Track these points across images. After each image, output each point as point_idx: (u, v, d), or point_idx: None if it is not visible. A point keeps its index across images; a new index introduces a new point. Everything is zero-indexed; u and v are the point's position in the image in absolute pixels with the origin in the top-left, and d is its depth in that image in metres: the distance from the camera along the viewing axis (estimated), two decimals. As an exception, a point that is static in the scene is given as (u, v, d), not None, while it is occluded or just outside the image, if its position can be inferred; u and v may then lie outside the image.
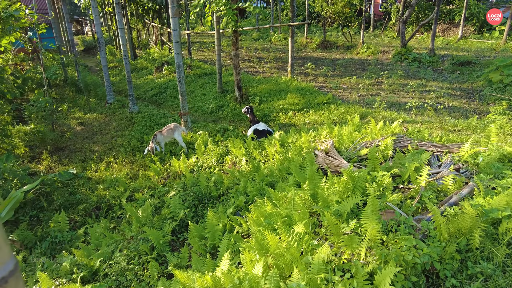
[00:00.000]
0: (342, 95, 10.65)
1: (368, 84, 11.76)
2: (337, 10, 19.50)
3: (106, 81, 11.73)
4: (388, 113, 7.73)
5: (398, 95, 10.35)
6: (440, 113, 8.73)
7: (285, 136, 7.44)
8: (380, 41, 22.78)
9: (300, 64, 16.20)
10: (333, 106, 8.96)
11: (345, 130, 6.52)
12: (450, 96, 10.55)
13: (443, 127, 6.49)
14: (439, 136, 6.09)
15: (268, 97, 10.39)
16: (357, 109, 8.54)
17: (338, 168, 4.88)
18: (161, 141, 8.02)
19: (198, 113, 10.93)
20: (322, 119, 8.63)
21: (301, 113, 9.21)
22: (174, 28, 7.76)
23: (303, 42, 22.72)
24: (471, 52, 17.52)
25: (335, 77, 13.21)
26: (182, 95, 8.46)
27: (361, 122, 7.28)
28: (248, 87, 11.41)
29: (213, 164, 6.96)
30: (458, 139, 5.82)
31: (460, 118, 8.37)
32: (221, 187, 5.75)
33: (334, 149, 5.64)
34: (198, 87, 12.76)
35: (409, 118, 7.42)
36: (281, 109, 9.59)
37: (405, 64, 15.89)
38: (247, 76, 12.61)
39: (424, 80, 12.27)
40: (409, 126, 6.81)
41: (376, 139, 5.61)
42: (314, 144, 6.32)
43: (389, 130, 5.84)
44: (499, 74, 10.69)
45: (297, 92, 10.30)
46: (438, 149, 5.38)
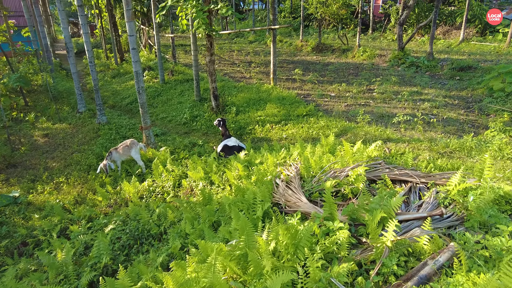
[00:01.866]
0: (328, 105, 9.72)
1: (358, 92, 10.82)
2: (332, 12, 18.58)
3: (77, 89, 10.92)
4: (372, 129, 6.80)
5: (389, 105, 9.41)
6: (434, 127, 7.77)
7: (253, 156, 6.54)
8: (378, 43, 21.81)
9: (291, 69, 15.29)
10: (313, 119, 8.05)
11: (318, 151, 5.61)
12: (446, 106, 9.59)
13: (432, 148, 5.55)
14: (426, 160, 5.16)
15: (246, 107, 9.50)
16: (339, 122, 7.61)
17: (295, 207, 3.97)
18: (117, 160, 7.16)
19: (171, 124, 10.07)
20: (300, 134, 7.72)
21: (279, 126, 8.31)
22: (130, 34, 6.90)
23: (299, 45, 21.84)
24: (472, 55, 16.50)
25: (324, 83, 12.29)
26: (142, 107, 7.60)
27: (338, 140, 6.36)
28: (227, 95, 10.53)
29: (168, 189, 6.08)
30: (448, 165, 4.88)
31: (455, 134, 7.41)
32: (164, 222, 4.87)
33: (298, 177, 4.73)
34: (176, 94, 11.91)
35: (395, 135, 6.49)
36: (258, 121, 8.69)
37: (402, 68, 14.93)
38: (229, 83, 11.74)
39: (419, 88, 11.31)
40: (394, 146, 5.88)
41: (348, 167, 4.68)
42: (281, 168, 5.42)
43: (364, 155, 4.91)
44: (501, 81, 9.71)
45: (278, 102, 9.39)
46: (422, 179, 4.45)
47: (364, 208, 3.27)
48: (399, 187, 4.47)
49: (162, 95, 12.14)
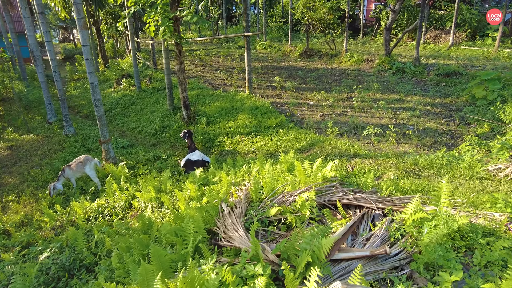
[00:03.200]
0: (304, 115, 9.31)
1: (338, 100, 10.42)
2: (319, 16, 18.23)
3: (46, 98, 10.49)
4: (341, 142, 6.38)
5: (366, 115, 9.01)
6: (409, 139, 7.36)
7: (212, 173, 6.12)
8: (367, 48, 21.50)
9: (276, 75, 14.89)
10: (282, 131, 7.63)
11: (275, 169, 5.19)
12: (427, 114, 9.19)
13: (399, 166, 5.12)
14: (389, 180, 4.74)
15: (218, 117, 9.07)
16: (308, 135, 7.19)
17: (231, 240, 3.53)
18: (71, 177, 6.72)
19: (141, 135, 9.64)
20: (269, 146, 7.30)
21: (249, 138, 7.89)
22: (83, 44, 6.48)
23: (287, 51, 21.51)
24: (461, 60, 16.16)
25: (305, 91, 11.90)
26: (99, 120, 7.18)
27: (301, 156, 5.93)
28: (201, 104, 10.11)
29: (117, 210, 5.63)
30: (412, 187, 4.46)
31: (432, 147, 7.00)
32: (101, 250, 4.42)
33: (244, 202, 4.30)
34: (151, 103, 11.49)
35: (363, 150, 6.07)
36: (228, 132, 8.27)
37: (388, 74, 14.56)
38: (205, 91, 11.32)
39: (402, 95, 10.92)
40: (359, 162, 5.46)
41: (299, 190, 4.25)
42: (234, 189, 4.99)
43: (319, 176, 4.48)
44: (484, 89, 9.32)
45: (250, 112, 8.97)
46: (380, 204, 4.03)
47: (294, 247, 2.83)
48: (353, 213, 4.05)
49: (137, 104, 11.73)
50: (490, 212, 3.56)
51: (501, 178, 4.51)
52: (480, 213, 3.57)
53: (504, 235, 3.09)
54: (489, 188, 4.31)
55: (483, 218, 3.46)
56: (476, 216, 3.52)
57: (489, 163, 4.97)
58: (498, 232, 3.13)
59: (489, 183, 4.48)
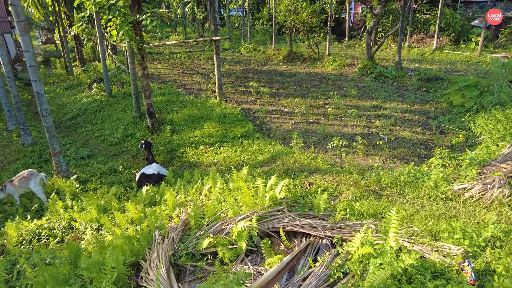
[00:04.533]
0: (276, 122, 8.88)
1: (313, 107, 10.02)
2: (302, 20, 17.87)
3: (4, 105, 9.88)
4: (304, 155, 5.96)
5: (340, 123, 8.61)
6: (381, 150, 6.98)
7: (163, 189, 5.64)
8: (351, 52, 21.25)
9: (256, 79, 14.48)
10: (247, 142, 7.17)
11: (229, 187, 4.73)
12: (404, 122, 8.83)
13: (358, 185, 4.70)
14: (346, 201, 4.31)
15: (184, 125, 8.59)
16: (273, 146, 6.75)
17: (149, 283, 3.05)
18: (14, 193, 6.17)
19: (104, 144, 9.10)
20: (232, 158, 6.85)
21: (213, 149, 7.42)
22: (26, 49, 5.95)
23: (271, 54, 21.13)
24: (443, 65, 15.95)
25: (282, 96, 11.49)
26: (48, 131, 6.67)
27: (258, 171, 5.49)
28: (169, 111, 9.61)
29: (57, 232, 5.11)
30: (369, 210, 4.04)
31: (403, 159, 6.61)
32: (21, 283, 3.91)
33: (180, 230, 3.83)
34: (119, 109, 10.95)
35: (326, 165, 5.65)
36: (192, 142, 7.79)
37: (370, 79, 14.24)
38: (175, 97, 10.83)
39: (380, 101, 10.57)
40: (319, 178, 5.03)
41: (241, 215, 3.80)
42: (178, 211, 4.52)
43: (266, 198, 4.03)
44: (461, 96, 9.00)
45: (218, 120, 8.51)
46: (329, 232, 3.59)
47: None
48: (298, 242, 3.61)
49: (105, 110, 11.18)
50: (447, 244, 3.15)
51: (466, 199, 4.12)
52: (436, 245, 3.16)
53: (456, 277, 2.67)
54: (451, 212, 3.91)
55: (438, 251, 3.06)
56: (431, 249, 3.11)
57: (456, 180, 4.58)
58: (449, 273, 2.71)
59: (453, 204, 4.08)
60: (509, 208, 3.73)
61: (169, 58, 20.39)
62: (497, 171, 4.43)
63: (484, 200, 3.99)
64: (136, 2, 7.69)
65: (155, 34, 37.19)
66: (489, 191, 4.03)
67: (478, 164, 4.77)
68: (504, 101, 7.42)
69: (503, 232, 3.26)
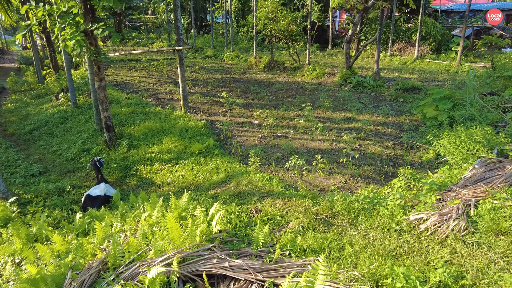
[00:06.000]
0: (242, 136, 8.44)
1: (284, 119, 9.63)
2: (281, 28, 17.60)
3: (-44, 117, 9.20)
4: (259, 176, 5.51)
5: (308, 137, 8.21)
6: (346, 167, 6.57)
7: (104, 214, 5.12)
8: (333, 60, 21.07)
9: (233, 88, 14.06)
10: (204, 159, 6.70)
11: (166, 217, 4.25)
12: (375, 135, 8.48)
13: (310, 211, 4.26)
14: (291, 233, 3.86)
15: (143, 140, 8.08)
16: (230, 165, 6.29)
17: None
18: None
19: (60, 159, 8.53)
20: (187, 178, 6.36)
21: (169, 166, 6.93)
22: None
23: (252, 62, 20.82)
24: (424, 74, 15.80)
25: (255, 107, 11.07)
26: (-19, 149, 6.05)
27: (207, 195, 5.01)
28: (131, 124, 9.09)
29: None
30: (314, 244, 3.60)
31: (368, 178, 6.22)
32: None
33: (95, 272, 3.32)
34: (83, 121, 10.38)
35: (280, 188, 5.20)
36: (148, 158, 7.29)
37: (348, 88, 13.96)
38: (140, 108, 10.30)
39: (354, 113, 10.22)
40: (269, 204, 4.58)
41: (163, 255, 3.31)
42: (105, 245, 4.00)
43: (196, 233, 3.56)
44: (435, 108, 8.70)
45: (179, 134, 8.02)
46: (260, 275, 3.13)
47: None
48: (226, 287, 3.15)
49: (68, 122, 10.59)
50: (387, 294, 2.72)
51: (421, 231, 3.71)
52: (374, 296, 2.73)
53: None
54: (403, 247, 3.50)
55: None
56: (368, 300, 2.67)
57: (414, 208, 4.17)
58: None
59: (407, 238, 3.67)
60: (463, 245, 3.33)
61: (147, 65, 19.88)
62: (457, 197, 4.05)
63: (439, 233, 3.58)
64: (89, 10, 7.22)
65: (139, 41, 36.77)
66: (445, 223, 3.63)
67: (439, 189, 4.39)
68: (474, 115, 7.11)
69: (452, 277, 2.85)
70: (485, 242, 3.31)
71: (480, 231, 3.48)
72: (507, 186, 4.01)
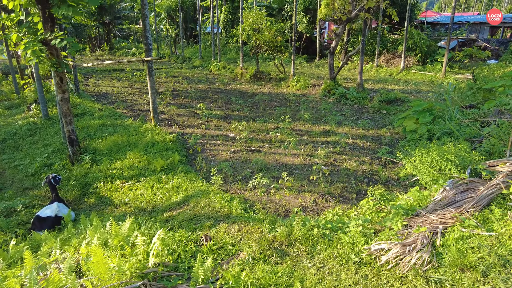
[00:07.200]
0: (213, 151, 8.04)
1: (261, 131, 9.26)
2: (266, 39, 17.39)
3: None
4: (219, 197, 5.09)
5: (282, 151, 7.83)
6: (316, 185, 6.18)
7: (44, 239, 4.64)
8: (319, 71, 20.88)
9: (216, 99, 13.71)
10: (165, 177, 6.27)
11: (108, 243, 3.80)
12: (353, 149, 8.14)
13: (265, 238, 3.85)
14: (240, 264, 3.44)
15: (107, 154, 7.62)
16: (192, 183, 5.85)
17: None
18: None
19: (20, 175, 8.01)
20: (146, 197, 5.91)
21: (130, 184, 6.47)
22: None
23: (239, 73, 20.56)
24: (409, 85, 15.62)
25: (233, 119, 10.70)
26: None
27: (160, 218, 4.57)
28: (98, 137, 8.64)
29: None
30: (261, 280, 3.17)
31: (339, 197, 5.82)
32: None
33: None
34: (51, 133, 9.89)
35: (239, 210, 4.78)
36: (109, 175, 6.82)
37: (332, 100, 13.69)
38: (111, 120, 9.86)
39: (333, 125, 9.90)
40: (223, 229, 4.15)
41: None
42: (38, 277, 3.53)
43: (126, 268, 3.12)
44: (414, 121, 8.41)
45: (145, 148, 7.59)
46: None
47: None
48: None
49: (36, 135, 10.09)
50: None
51: (382, 264, 3.31)
52: None
53: None
54: (360, 284, 3.09)
55: None
56: None
57: (379, 234, 3.78)
58: None
59: (366, 272, 3.26)
60: (424, 283, 2.93)
61: (130, 76, 19.50)
62: (424, 224, 3.67)
63: (400, 267, 3.18)
64: (48, 18, 6.83)
65: (128, 50, 36.50)
66: (407, 255, 3.23)
67: (406, 214, 4.01)
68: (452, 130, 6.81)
69: (407, 326, 2.44)
70: (448, 280, 2.91)
71: (445, 265, 3.09)
72: (478, 211, 3.64)
